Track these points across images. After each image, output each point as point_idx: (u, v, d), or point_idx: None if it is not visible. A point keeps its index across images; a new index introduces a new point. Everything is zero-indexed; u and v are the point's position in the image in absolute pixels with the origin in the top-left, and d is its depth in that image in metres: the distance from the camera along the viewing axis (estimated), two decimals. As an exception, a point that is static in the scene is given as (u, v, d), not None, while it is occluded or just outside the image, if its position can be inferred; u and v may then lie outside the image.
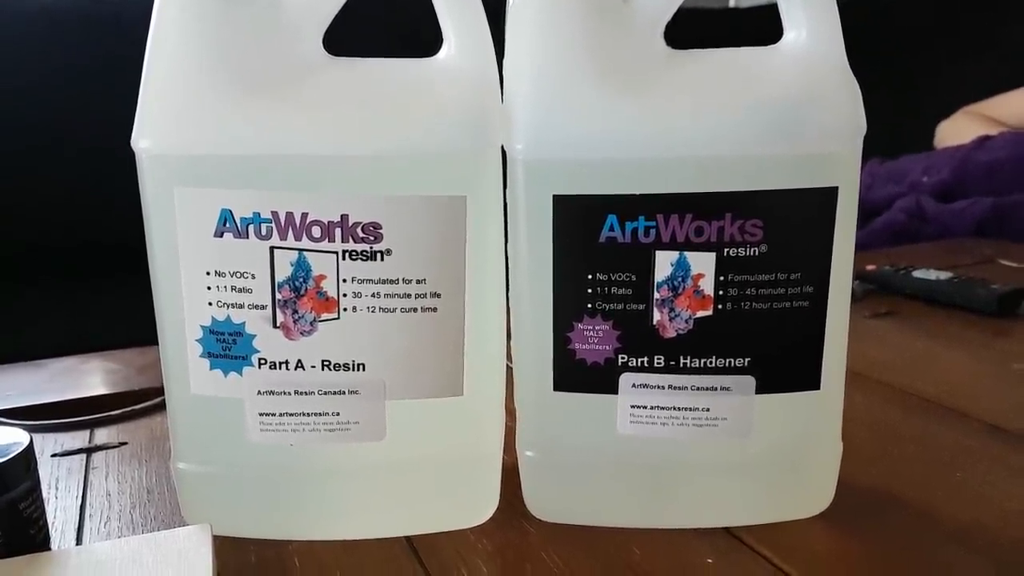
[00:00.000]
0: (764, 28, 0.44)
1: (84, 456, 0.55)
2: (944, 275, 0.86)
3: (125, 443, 0.57)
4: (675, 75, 0.41)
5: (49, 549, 0.42)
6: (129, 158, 0.39)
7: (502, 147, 0.40)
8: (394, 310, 0.39)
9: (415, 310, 0.40)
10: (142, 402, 0.62)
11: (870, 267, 0.91)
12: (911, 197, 1.34)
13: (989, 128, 1.43)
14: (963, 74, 1.69)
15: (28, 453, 0.40)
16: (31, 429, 0.49)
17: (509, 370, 0.44)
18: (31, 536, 0.40)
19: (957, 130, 1.50)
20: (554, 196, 0.40)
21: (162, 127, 0.39)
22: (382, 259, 0.39)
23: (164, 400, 0.43)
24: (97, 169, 0.98)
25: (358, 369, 0.40)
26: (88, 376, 0.71)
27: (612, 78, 0.40)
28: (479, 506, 0.45)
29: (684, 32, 0.43)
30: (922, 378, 0.65)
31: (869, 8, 1.58)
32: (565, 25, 0.40)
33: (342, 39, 0.42)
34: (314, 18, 0.41)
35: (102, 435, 0.58)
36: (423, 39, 0.43)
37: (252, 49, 0.39)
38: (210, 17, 0.39)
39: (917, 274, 0.87)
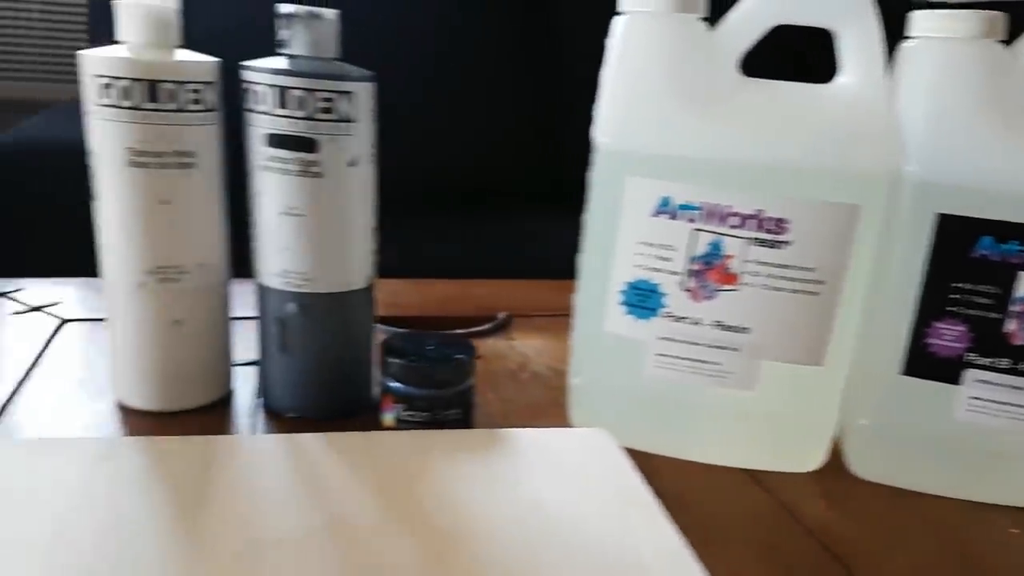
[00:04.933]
0: None
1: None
2: None
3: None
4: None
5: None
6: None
7: (895, 166, 0.48)
8: (783, 290, 0.49)
9: (800, 292, 0.49)
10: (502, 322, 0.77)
11: None
12: None
13: None
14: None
15: (472, 354, 0.54)
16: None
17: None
18: (473, 416, 0.55)
19: None
20: (938, 214, 0.47)
21: (619, 128, 0.50)
22: (783, 248, 0.48)
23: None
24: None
25: (744, 332, 0.51)
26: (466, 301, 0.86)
27: (1004, 116, 0.46)
28: (810, 456, 0.54)
29: None
30: None
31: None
32: (963, 69, 0.47)
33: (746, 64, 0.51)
34: (736, 45, 0.50)
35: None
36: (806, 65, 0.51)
37: (690, 70, 0.50)
38: (664, 44, 0.49)
39: None
